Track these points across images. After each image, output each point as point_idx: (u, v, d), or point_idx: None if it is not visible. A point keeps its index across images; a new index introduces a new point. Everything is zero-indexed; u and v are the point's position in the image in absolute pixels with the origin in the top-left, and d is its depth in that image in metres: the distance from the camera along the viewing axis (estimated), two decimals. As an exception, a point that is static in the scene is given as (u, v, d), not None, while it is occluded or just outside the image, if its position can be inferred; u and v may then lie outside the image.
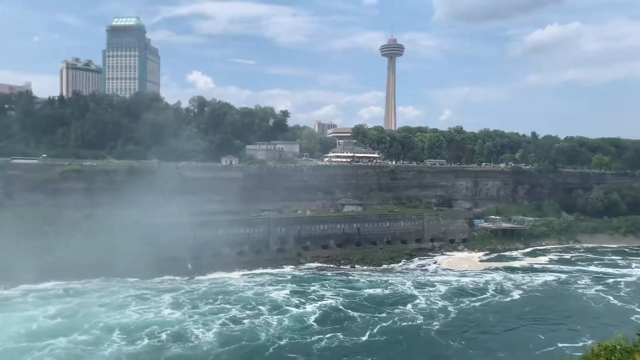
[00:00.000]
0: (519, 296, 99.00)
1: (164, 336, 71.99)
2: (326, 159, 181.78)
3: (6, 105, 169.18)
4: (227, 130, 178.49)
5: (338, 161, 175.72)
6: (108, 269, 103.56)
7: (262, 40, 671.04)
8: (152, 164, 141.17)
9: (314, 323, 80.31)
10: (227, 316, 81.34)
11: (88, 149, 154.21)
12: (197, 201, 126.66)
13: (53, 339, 68.91)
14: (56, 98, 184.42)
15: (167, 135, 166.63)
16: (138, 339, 70.37)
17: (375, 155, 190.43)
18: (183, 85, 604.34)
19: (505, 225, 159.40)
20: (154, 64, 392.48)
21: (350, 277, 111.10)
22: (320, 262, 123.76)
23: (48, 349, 65.87)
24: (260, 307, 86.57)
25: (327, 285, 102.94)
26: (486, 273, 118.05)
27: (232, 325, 77.56)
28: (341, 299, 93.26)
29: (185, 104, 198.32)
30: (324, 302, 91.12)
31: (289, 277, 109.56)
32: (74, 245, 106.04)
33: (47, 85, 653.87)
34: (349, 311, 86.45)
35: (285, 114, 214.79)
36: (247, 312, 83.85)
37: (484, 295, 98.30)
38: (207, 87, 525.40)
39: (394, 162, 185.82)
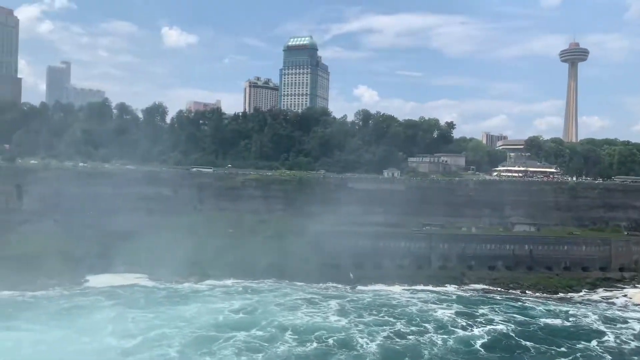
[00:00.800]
0: None
1: (331, 341, 74.88)
2: (495, 173, 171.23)
3: (201, 121, 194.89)
4: (390, 142, 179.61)
5: (508, 176, 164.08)
6: (279, 271, 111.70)
7: (429, 52, 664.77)
8: (319, 175, 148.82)
9: (481, 348, 75.93)
10: (391, 329, 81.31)
11: (265, 160, 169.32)
12: (360, 212, 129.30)
13: (236, 332, 76.54)
14: (240, 114, 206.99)
15: (333, 148, 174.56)
16: (307, 341, 74.31)
17: (553, 170, 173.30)
18: (349, 99, 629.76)
19: None
20: (324, 80, 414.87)
21: (523, 304, 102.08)
22: (485, 284, 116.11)
23: (232, 341, 73.27)
24: (425, 324, 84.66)
25: (496, 309, 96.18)
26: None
27: (397, 339, 77.33)
28: (512, 325, 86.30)
29: (351, 117, 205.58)
30: (492, 327, 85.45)
31: (454, 296, 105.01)
32: (251, 247, 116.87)
33: (233, 103, 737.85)
34: (521, 340, 79.53)
35: (450, 125, 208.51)
36: (412, 327, 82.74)
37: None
38: (372, 100, 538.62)
39: (574, 178, 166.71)
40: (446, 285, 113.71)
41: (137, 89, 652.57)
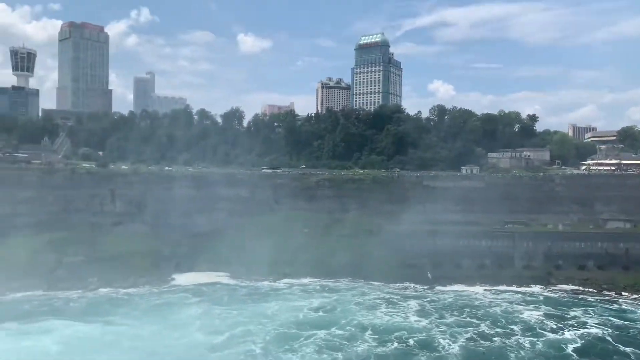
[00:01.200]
0: None
1: (411, 342, 73.73)
2: (583, 167, 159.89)
3: (275, 123, 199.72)
4: (468, 138, 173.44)
5: (599, 169, 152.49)
6: (355, 271, 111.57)
7: (507, 42, 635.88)
8: (393, 173, 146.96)
9: (573, 353, 71.29)
10: (475, 331, 78.55)
11: (338, 159, 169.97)
12: (436, 210, 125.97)
13: (316, 330, 77.49)
14: (312, 115, 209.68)
15: (407, 145, 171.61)
16: (388, 341, 73.61)
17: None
18: (423, 95, 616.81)
19: None
20: (396, 77, 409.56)
21: (620, 306, 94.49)
22: (575, 285, 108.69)
23: (312, 339, 74.24)
24: (512, 326, 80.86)
25: (590, 311, 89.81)
26: None
27: (481, 341, 74.62)
28: (609, 329, 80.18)
29: (425, 114, 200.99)
30: (586, 330, 79.92)
31: (541, 297, 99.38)
32: (326, 246, 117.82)
33: (306, 104, 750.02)
34: (619, 345, 73.73)
35: (532, 118, 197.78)
36: (497, 329, 79.37)
37: None
38: (447, 94, 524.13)
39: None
40: (531, 285, 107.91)
41: (215, 95, 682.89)
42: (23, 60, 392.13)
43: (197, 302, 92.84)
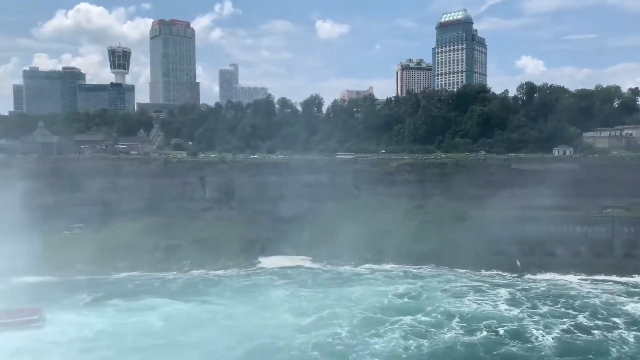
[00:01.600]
0: None
1: (501, 331, 71.43)
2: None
3: (354, 109, 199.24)
4: (560, 117, 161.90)
5: None
6: (438, 258, 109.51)
7: (604, 10, 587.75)
8: (478, 157, 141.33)
9: (685, 350, 64.81)
10: (572, 322, 74.50)
11: (419, 143, 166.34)
12: (526, 195, 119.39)
13: (402, 316, 77.37)
14: (392, 98, 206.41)
15: (493, 127, 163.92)
16: (476, 330, 71.83)
17: None
18: (511, 72, 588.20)
19: None
20: (481, 55, 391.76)
21: None
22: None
23: (398, 324, 74.27)
24: (614, 318, 75.65)
25: None
26: None
27: (578, 333, 70.66)
28: None
29: (512, 92, 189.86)
30: None
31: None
32: (408, 232, 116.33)
33: (385, 88, 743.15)
34: None
35: (634, 92, 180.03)
36: (597, 322, 74.70)
37: None
38: (537, 71, 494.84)
39: None
40: (634, 275, 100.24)
41: (295, 83, 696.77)
42: (120, 59, 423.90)
43: (284, 285, 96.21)
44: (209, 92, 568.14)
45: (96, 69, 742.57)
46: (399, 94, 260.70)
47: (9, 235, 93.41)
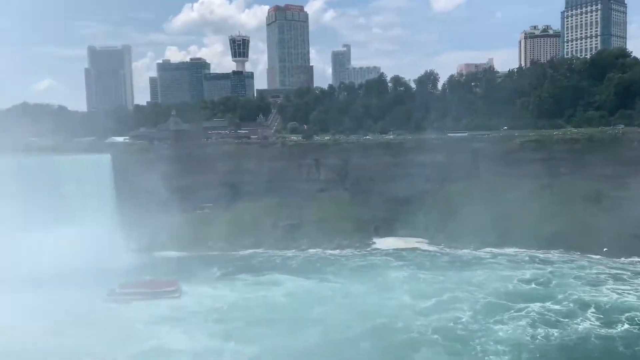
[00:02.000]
0: None
1: (647, 325, 64.95)
2: None
3: (472, 83, 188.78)
4: None
5: None
6: (568, 241, 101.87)
7: None
8: (616, 131, 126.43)
9: None
10: None
11: (546, 118, 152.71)
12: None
13: (529, 302, 73.38)
14: (515, 70, 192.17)
15: (635, 96, 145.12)
16: (616, 322, 66.21)
17: None
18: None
19: None
20: (620, 15, 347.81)
21: None
22: None
23: (524, 311, 70.58)
24: None
25: None
26: None
27: None
28: None
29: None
30: None
31: None
32: (533, 214, 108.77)
33: (507, 59, 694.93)
34: None
35: None
36: None
37: None
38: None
39: None
40: None
41: (408, 60, 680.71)
42: (239, 47, 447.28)
43: (400, 266, 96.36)
44: (322, 74, 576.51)
45: (219, 58, 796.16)
46: (523, 65, 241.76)
47: (150, 213, 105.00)
